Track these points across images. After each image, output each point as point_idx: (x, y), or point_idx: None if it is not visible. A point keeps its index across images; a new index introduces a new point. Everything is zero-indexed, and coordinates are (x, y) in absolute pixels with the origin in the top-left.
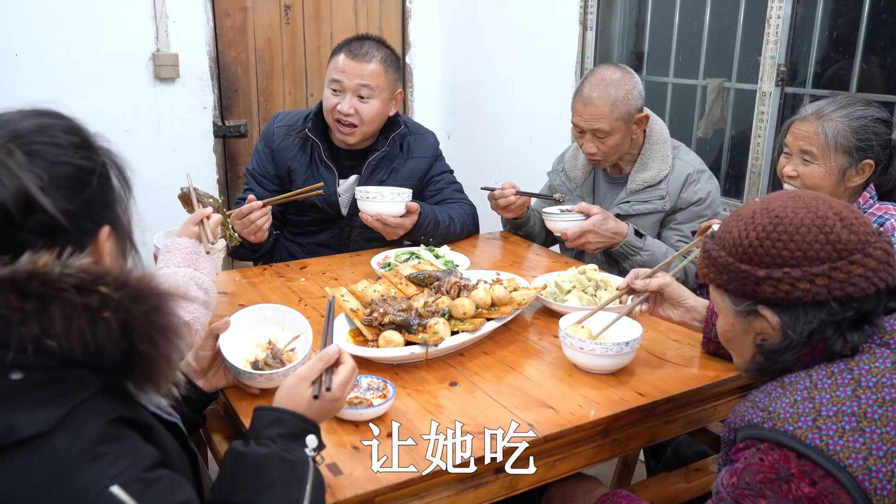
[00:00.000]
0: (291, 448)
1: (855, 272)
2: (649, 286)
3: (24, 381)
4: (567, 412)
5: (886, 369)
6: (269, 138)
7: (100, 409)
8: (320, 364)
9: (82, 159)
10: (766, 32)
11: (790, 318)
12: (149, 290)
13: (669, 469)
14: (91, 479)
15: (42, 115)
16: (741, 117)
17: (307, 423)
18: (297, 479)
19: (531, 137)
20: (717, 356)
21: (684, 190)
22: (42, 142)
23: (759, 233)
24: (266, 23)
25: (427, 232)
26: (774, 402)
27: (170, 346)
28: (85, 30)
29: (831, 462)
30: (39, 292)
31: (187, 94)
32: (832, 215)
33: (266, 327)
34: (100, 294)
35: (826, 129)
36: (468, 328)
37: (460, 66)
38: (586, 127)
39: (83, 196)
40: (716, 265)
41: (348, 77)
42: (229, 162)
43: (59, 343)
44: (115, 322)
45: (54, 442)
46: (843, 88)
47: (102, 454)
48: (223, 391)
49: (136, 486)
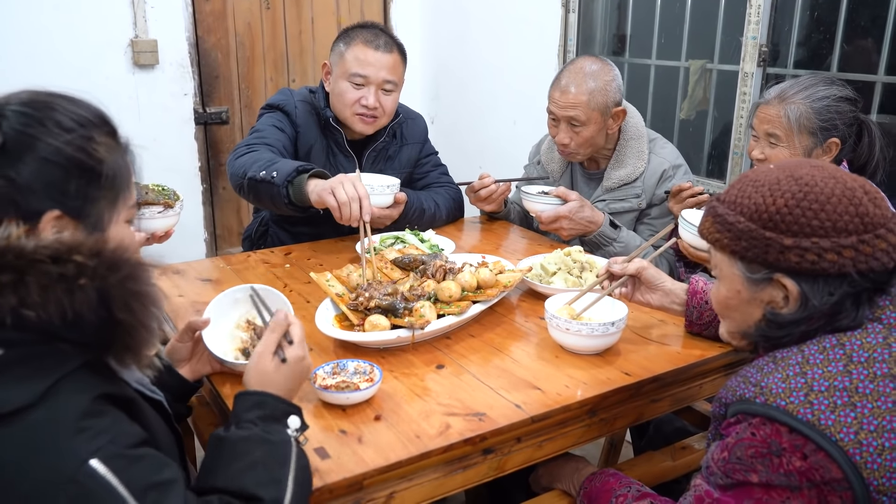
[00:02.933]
0: (273, 429)
1: (879, 246)
2: (626, 270)
3: (4, 356)
4: (554, 393)
5: (878, 344)
6: (292, 110)
7: (83, 384)
8: (275, 335)
9: (63, 143)
10: (747, 13)
11: (811, 289)
12: (123, 258)
13: (653, 446)
14: (71, 453)
15: (50, 94)
16: (724, 98)
17: (287, 404)
18: (279, 460)
19: (515, 121)
20: (701, 336)
21: (659, 186)
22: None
23: (788, 200)
24: (246, 7)
25: (412, 220)
26: (766, 377)
27: (147, 313)
28: (62, 17)
29: (823, 436)
30: (15, 265)
31: (167, 81)
32: (858, 188)
33: (241, 307)
34: (75, 263)
35: (788, 111)
36: (454, 311)
37: (443, 50)
38: (561, 115)
39: (41, 174)
40: (732, 230)
41: (374, 70)
42: (211, 149)
43: (37, 313)
44: (91, 290)
45: (36, 416)
46: (824, 69)
47: (84, 429)
48: (209, 378)
49: (117, 461)
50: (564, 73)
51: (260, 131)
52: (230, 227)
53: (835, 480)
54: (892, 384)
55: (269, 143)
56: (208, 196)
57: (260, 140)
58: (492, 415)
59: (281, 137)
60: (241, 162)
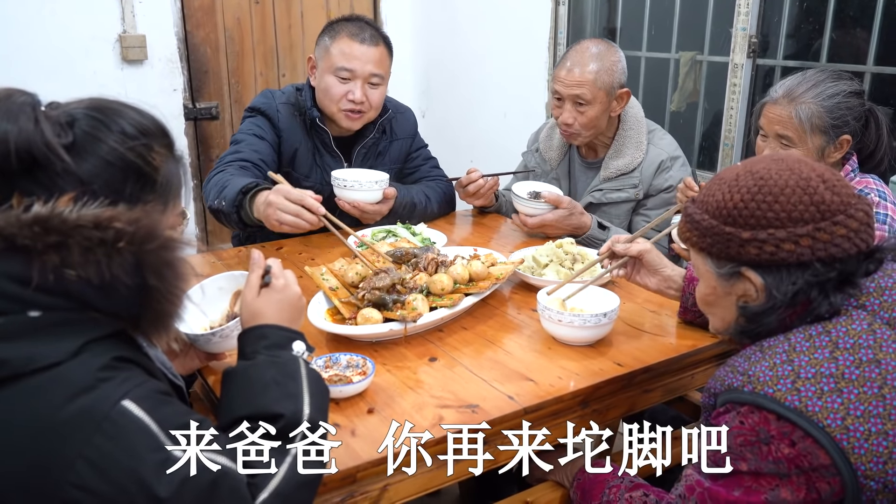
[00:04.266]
0: (278, 353)
1: (838, 233)
2: (629, 251)
3: (42, 318)
4: (547, 384)
5: (863, 331)
6: (274, 114)
7: (112, 347)
8: (254, 274)
9: (126, 149)
10: (737, 4)
11: (774, 280)
12: (159, 230)
13: None
14: (104, 395)
15: (118, 103)
16: (714, 90)
17: (287, 331)
18: (290, 375)
19: (506, 114)
20: (694, 325)
21: (656, 177)
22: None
23: (744, 195)
24: (235, 2)
25: (403, 215)
26: (754, 365)
27: (176, 282)
28: (49, 12)
29: (810, 423)
30: (59, 229)
31: (156, 76)
32: (815, 177)
33: (224, 298)
34: (115, 229)
35: (800, 112)
36: (446, 304)
37: (434, 44)
38: (567, 93)
39: (101, 173)
40: (699, 228)
41: (361, 64)
42: (201, 145)
43: (77, 273)
44: (128, 254)
45: (68, 367)
46: (813, 59)
47: (113, 377)
48: (199, 372)
49: (147, 401)
50: (570, 53)
51: (238, 143)
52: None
53: (823, 466)
54: (877, 369)
55: (244, 156)
56: (199, 192)
57: (235, 156)
58: (485, 406)
59: (260, 147)
60: (207, 189)
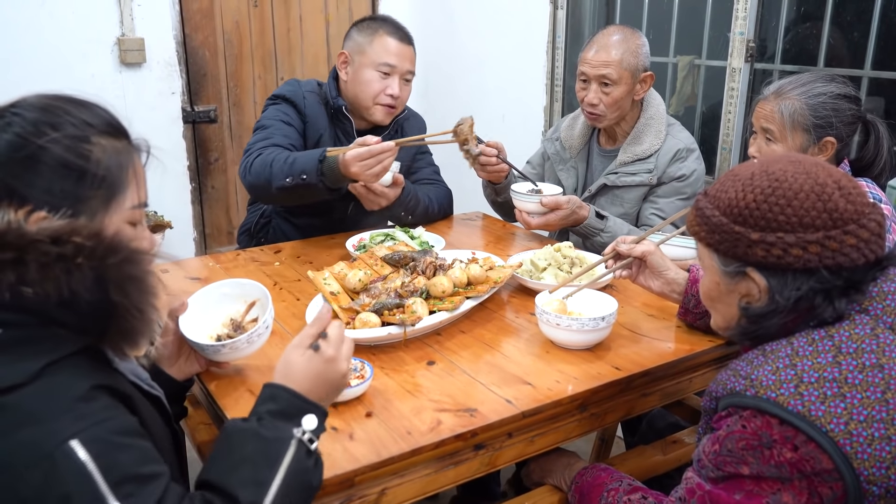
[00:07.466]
0: (275, 426)
1: (848, 242)
2: (633, 251)
3: (2, 336)
4: (545, 388)
5: (866, 335)
6: (300, 101)
7: (81, 370)
8: (313, 329)
9: (49, 142)
10: (735, 9)
11: (778, 283)
12: (122, 244)
13: (645, 441)
14: (53, 431)
15: (57, 98)
16: (712, 94)
17: (304, 401)
18: (269, 459)
19: (504, 117)
20: (694, 328)
21: (671, 164)
22: (18, 114)
23: (757, 195)
24: (234, 5)
25: (409, 207)
26: (756, 369)
27: (143, 298)
28: (47, 14)
29: (813, 427)
30: (16, 244)
31: (154, 80)
32: (831, 183)
33: (227, 304)
34: (74, 244)
35: (783, 107)
36: (447, 307)
37: (432, 46)
38: (593, 74)
39: (31, 173)
40: (708, 224)
41: (400, 60)
42: (199, 148)
43: (34, 290)
44: (88, 270)
45: (25, 393)
46: (811, 63)
47: (72, 409)
48: (198, 377)
49: (98, 445)
50: (596, 37)
51: (266, 128)
52: (219, 226)
53: (825, 471)
54: (880, 374)
55: (275, 141)
56: (197, 195)
57: (267, 141)
58: (483, 410)
59: (288, 132)
60: (257, 172)
